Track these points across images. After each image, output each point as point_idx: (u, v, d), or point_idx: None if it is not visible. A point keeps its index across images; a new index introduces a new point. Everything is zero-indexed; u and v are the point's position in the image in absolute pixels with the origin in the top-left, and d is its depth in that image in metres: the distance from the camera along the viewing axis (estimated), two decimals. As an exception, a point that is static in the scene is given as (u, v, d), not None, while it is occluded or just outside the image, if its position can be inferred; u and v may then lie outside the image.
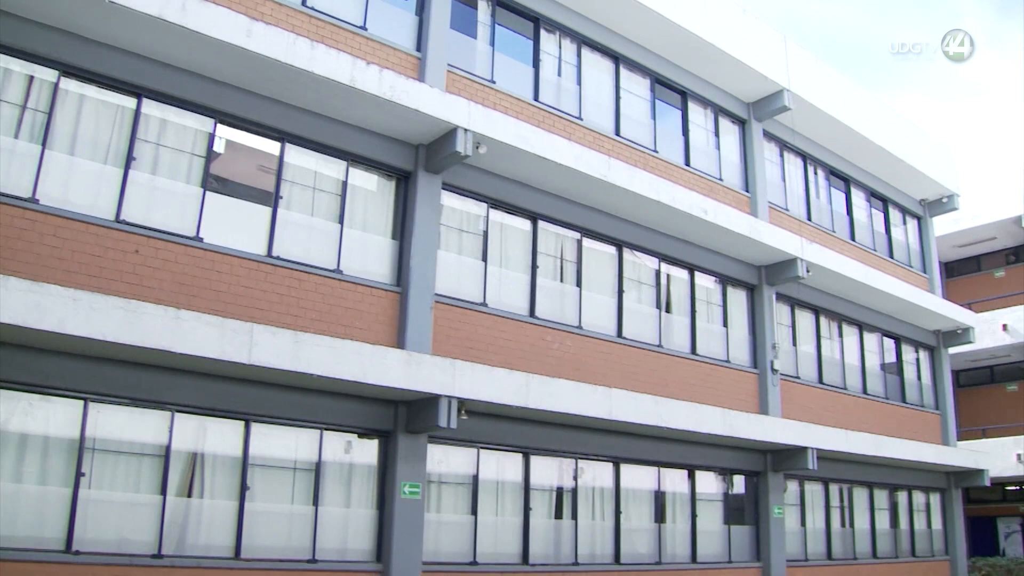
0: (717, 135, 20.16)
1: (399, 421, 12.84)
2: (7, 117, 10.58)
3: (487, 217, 14.97)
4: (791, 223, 20.91)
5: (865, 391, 22.78)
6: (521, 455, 14.69)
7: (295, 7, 13.15)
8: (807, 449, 18.25)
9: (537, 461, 14.89)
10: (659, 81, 18.87)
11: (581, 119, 16.83)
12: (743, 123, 20.79)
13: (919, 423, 24.38)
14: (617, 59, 18.01)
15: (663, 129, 18.78)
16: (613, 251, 16.93)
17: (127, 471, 10.71)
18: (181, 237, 11.36)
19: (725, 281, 19.23)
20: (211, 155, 11.98)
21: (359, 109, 12.86)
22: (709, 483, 18.10)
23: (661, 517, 16.79)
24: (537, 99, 16.20)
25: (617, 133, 17.54)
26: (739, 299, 19.56)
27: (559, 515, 15.22)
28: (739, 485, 18.79)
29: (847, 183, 24.32)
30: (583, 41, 17.40)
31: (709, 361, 18.18)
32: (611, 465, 16.01)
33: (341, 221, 13.15)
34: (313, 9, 13.40)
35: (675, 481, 17.30)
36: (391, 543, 12.37)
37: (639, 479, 16.59)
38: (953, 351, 27.45)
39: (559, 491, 15.31)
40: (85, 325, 9.38)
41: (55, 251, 10.38)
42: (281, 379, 11.48)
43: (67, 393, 10.30)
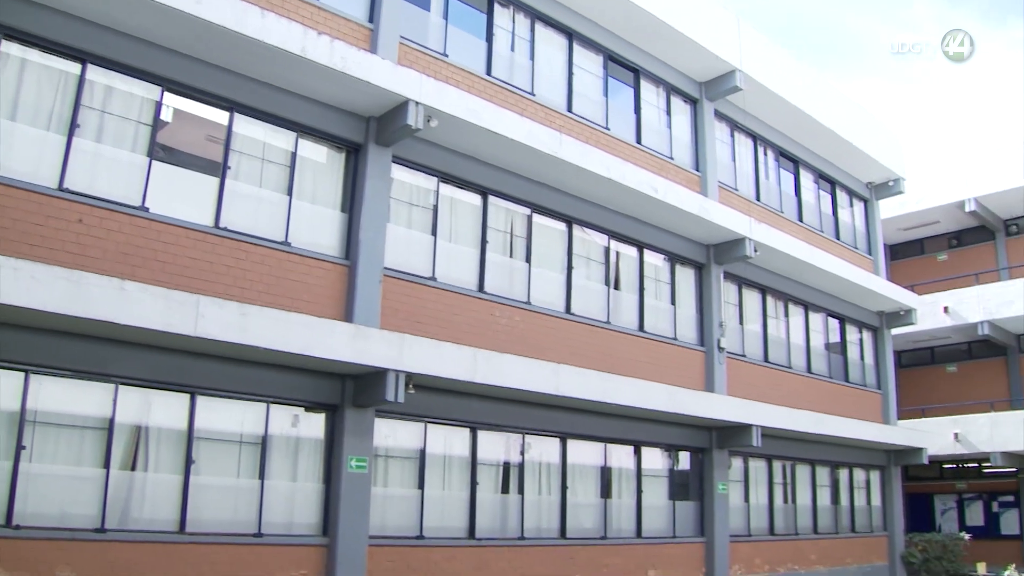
0: (669, 114, 20.23)
1: (346, 395, 12.82)
2: (-54, 80, 10.35)
3: (437, 191, 14.92)
4: (740, 203, 21.09)
5: (809, 370, 23.12)
6: (468, 430, 14.73)
7: (245, -25, 12.92)
8: (751, 426, 18.51)
9: (484, 436, 14.95)
10: (612, 58, 18.88)
11: (533, 95, 16.80)
12: (695, 102, 20.88)
13: (861, 402, 24.82)
14: (571, 35, 17.97)
15: (615, 106, 18.81)
16: (563, 227, 16.97)
17: (69, 444, 10.58)
18: (126, 207, 11.18)
19: (674, 259, 19.36)
20: (158, 124, 11.79)
21: (310, 80, 12.72)
22: (655, 459, 18.29)
23: (607, 492, 16.95)
24: (490, 73, 16.14)
25: (569, 109, 17.54)
26: (687, 277, 19.71)
27: (506, 490, 15.30)
28: (684, 461, 19.01)
29: (796, 164, 24.55)
30: (537, 16, 17.34)
31: (656, 338, 18.32)
32: (558, 440, 16.11)
33: (290, 193, 13.03)
34: (264, -23, 13.20)
35: (621, 457, 17.46)
36: (337, 517, 12.37)
37: (585, 454, 16.72)
38: (895, 332, 27.92)
39: (506, 466, 15.39)
40: (26, 295, 9.23)
41: (-5, 219, 10.18)
42: (227, 352, 11.39)
43: (8, 365, 10.13)
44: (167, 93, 11.93)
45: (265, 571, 11.68)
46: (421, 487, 13.89)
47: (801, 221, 24.05)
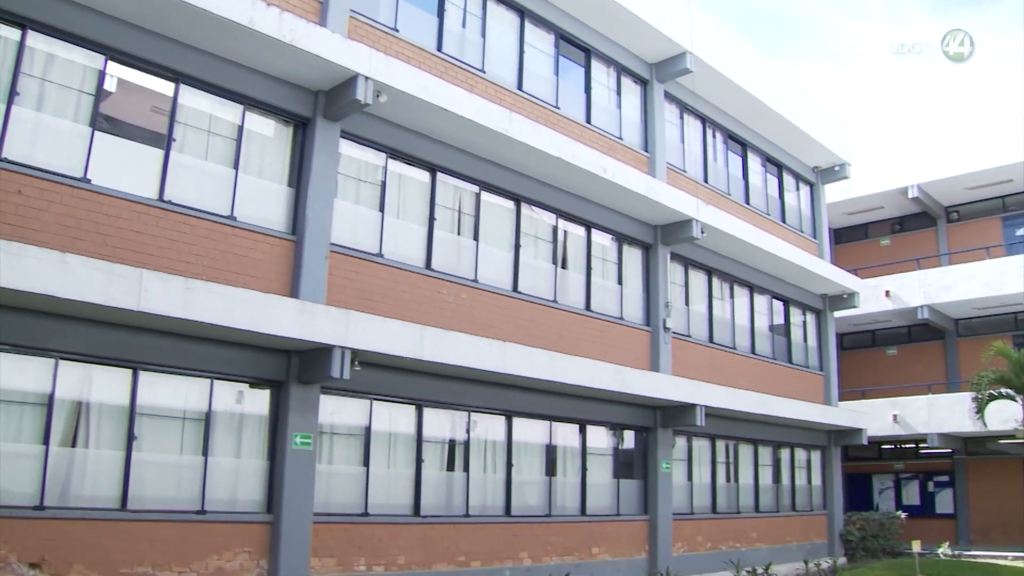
0: (619, 94, 20.27)
1: (292, 371, 12.72)
2: None
3: (386, 167, 14.82)
4: (688, 184, 21.22)
5: (753, 351, 23.42)
6: (414, 407, 14.72)
7: (192, -57, 12.68)
8: (695, 406, 18.72)
9: (430, 413, 14.94)
10: (563, 37, 18.84)
11: (484, 72, 16.73)
12: (645, 83, 20.93)
13: (803, 383, 25.21)
14: (522, 13, 17.90)
15: (566, 86, 18.79)
16: (511, 205, 16.97)
17: (8, 420, 10.37)
18: (68, 178, 10.95)
19: (621, 239, 19.45)
20: (101, 93, 11.55)
21: (258, 52, 12.55)
22: (600, 437, 18.43)
23: (552, 470, 17.04)
24: (440, 50, 16.03)
25: (520, 88, 17.50)
26: (634, 257, 19.82)
27: (451, 467, 15.32)
28: (629, 440, 19.17)
29: (744, 147, 24.76)
30: (489, -7, 17.26)
31: (603, 318, 18.42)
32: (503, 418, 16.16)
33: (236, 166, 12.86)
34: (211, -54, 12.96)
35: (566, 435, 17.56)
36: (282, 494, 12.30)
37: (531, 433, 16.80)
38: (838, 315, 28.41)
39: (451, 443, 15.41)
40: (-37, 267, 9.04)
41: (-69, 188, 9.94)
42: (171, 326, 11.24)
43: (-57, 336, 9.93)
44: (111, 62, 11.67)
45: (208, 548, 11.59)
46: (366, 464, 13.86)
47: (748, 204, 24.27)
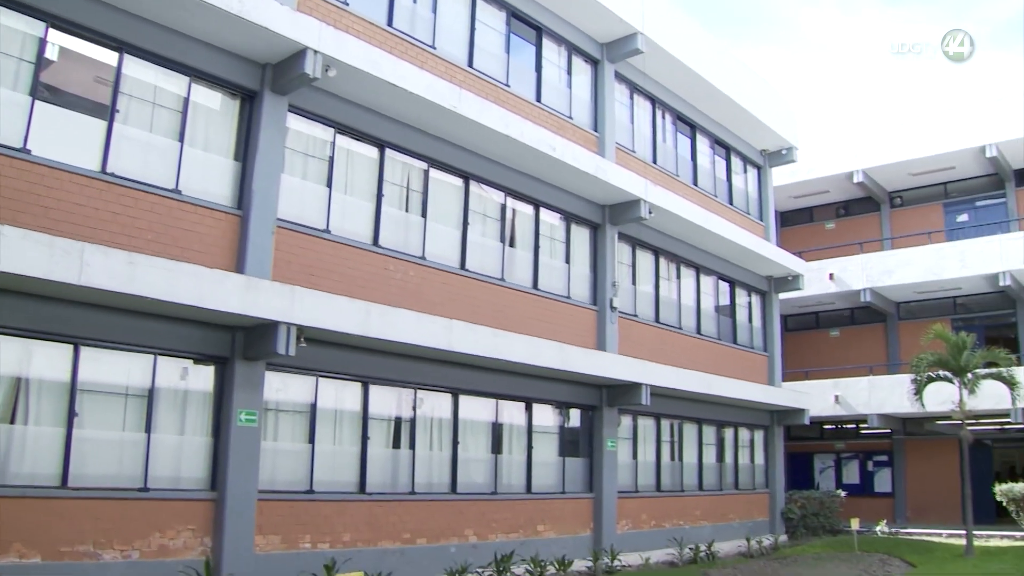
0: (569, 73, 20.26)
1: (237, 347, 12.62)
2: None
3: (334, 143, 14.70)
4: (637, 165, 21.31)
5: (699, 331, 23.64)
6: (360, 384, 14.68)
7: (137, -89, 12.43)
8: (641, 385, 18.89)
9: (376, 390, 14.92)
10: (515, 15, 18.77)
11: (434, 48, 16.63)
12: (596, 63, 20.94)
13: (748, 364, 25.53)
14: (474, -10, 17.81)
15: (516, 64, 18.75)
16: (460, 183, 16.93)
17: (-57, 392, 10.21)
18: (7, 148, 10.70)
19: (569, 218, 19.50)
20: (42, 62, 11.30)
21: (205, 23, 12.35)
22: (546, 416, 18.52)
23: (498, 448, 17.12)
24: (391, 24, 15.88)
25: (470, 65, 17.42)
26: (582, 237, 19.89)
27: (397, 445, 15.33)
28: (575, 418, 19.30)
29: (693, 129, 24.90)
30: (440, -31, 17.14)
31: (550, 296, 18.48)
32: (450, 396, 16.18)
33: (181, 139, 12.66)
34: (157, -86, 12.70)
35: (513, 413, 17.64)
36: (226, 471, 12.23)
37: (477, 410, 16.86)
38: (783, 297, 28.81)
39: (397, 421, 15.40)
40: None
41: None
42: (114, 301, 11.09)
43: None
44: (52, 30, 11.40)
45: (151, 526, 11.50)
46: (312, 441, 13.81)
47: (696, 185, 24.44)
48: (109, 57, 12.03)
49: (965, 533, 21.11)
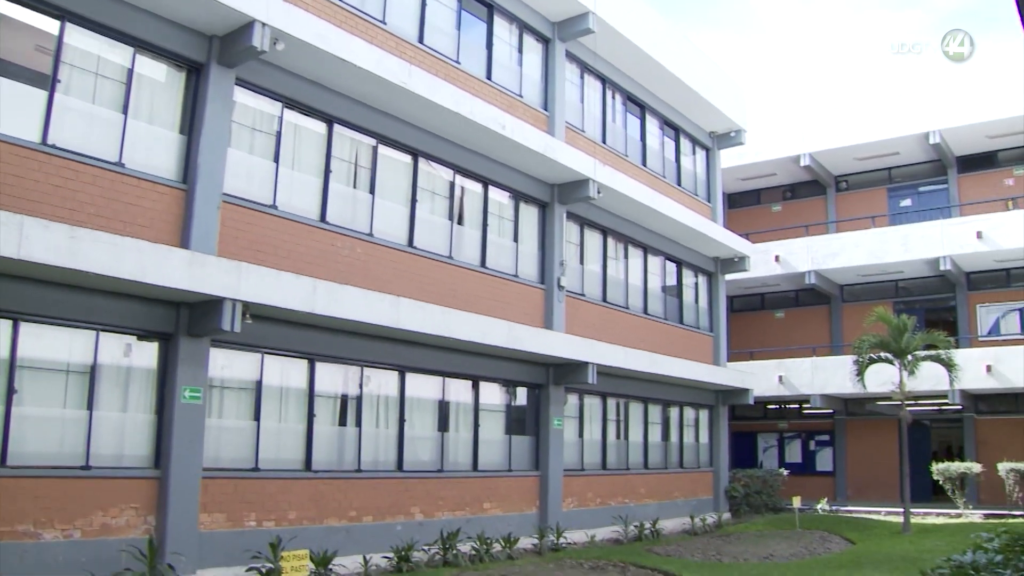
0: (520, 52, 20.20)
1: (181, 324, 12.45)
2: None
3: (281, 117, 14.52)
4: (586, 144, 21.33)
5: (646, 311, 23.79)
6: (306, 361, 14.57)
7: None
8: (588, 364, 18.97)
9: (322, 368, 14.82)
10: (466, -8, 18.67)
11: (385, 23, 16.46)
12: (547, 42, 20.88)
13: (694, 344, 25.77)
14: (424, -35, 17.66)
15: (467, 41, 18.64)
16: (408, 160, 16.83)
17: None
18: (-58, 116, 10.47)
19: (518, 197, 19.49)
20: (-21, 29, 11.04)
21: (150, -8, 12.12)
22: (492, 394, 18.55)
23: (444, 426, 17.11)
24: (340, -1, 15.72)
25: (421, 41, 17.28)
26: (531, 216, 19.89)
27: (343, 422, 15.26)
28: (521, 397, 19.35)
29: (643, 110, 24.96)
30: (390, -57, 16.95)
31: (498, 275, 18.48)
32: (397, 374, 16.13)
33: (125, 111, 12.41)
34: None
35: (459, 391, 17.64)
36: (170, 449, 12.07)
37: (424, 388, 16.82)
38: (729, 278, 29.13)
39: (344, 398, 15.33)
40: None
41: None
42: (54, 276, 10.85)
43: None
44: (-10, -3, 11.15)
45: (94, 505, 11.33)
46: (257, 419, 13.68)
47: (644, 166, 24.53)
48: (50, 25, 11.73)
49: (903, 511, 21.60)
